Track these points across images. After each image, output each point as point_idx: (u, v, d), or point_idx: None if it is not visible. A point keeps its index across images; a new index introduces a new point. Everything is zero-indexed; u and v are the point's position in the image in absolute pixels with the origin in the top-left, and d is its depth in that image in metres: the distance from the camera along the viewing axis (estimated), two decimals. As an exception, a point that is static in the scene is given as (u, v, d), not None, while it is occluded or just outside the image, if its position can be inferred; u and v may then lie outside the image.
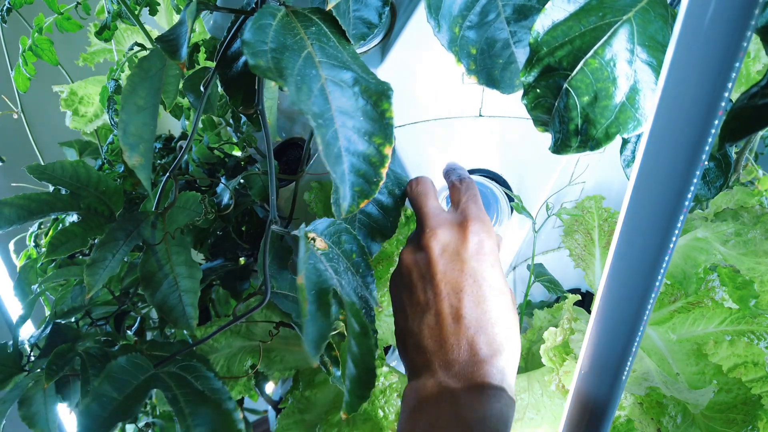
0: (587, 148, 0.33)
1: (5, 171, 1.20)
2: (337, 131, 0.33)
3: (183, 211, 0.51)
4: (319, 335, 0.36)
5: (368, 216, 0.47)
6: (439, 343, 0.36)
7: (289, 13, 0.35)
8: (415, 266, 0.39)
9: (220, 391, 0.42)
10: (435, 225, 0.39)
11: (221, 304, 0.82)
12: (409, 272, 0.40)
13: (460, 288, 0.37)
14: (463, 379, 0.35)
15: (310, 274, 0.37)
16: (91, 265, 0.45)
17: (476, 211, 0.40)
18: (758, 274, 0.49)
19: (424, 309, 0.38)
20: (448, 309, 0.37)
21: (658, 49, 0.31)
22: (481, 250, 0.38)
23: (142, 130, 0.40)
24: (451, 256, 0.38)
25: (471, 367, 0.35)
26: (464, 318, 0.36)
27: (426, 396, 0.35)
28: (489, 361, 0.35)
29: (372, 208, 0.47)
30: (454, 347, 0.36)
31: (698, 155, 0.23)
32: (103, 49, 1.03)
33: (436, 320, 0.37)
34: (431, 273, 0.38)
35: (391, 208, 0.47)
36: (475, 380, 0.35)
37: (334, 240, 0.38)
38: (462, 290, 0.37)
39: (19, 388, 0.50)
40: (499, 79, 0.37)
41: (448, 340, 0.36)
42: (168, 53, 0.33)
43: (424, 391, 0.35)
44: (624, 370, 0.29)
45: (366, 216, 0.47)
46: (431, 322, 0.37)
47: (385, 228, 0.47)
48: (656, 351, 0.51)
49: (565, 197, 0.67)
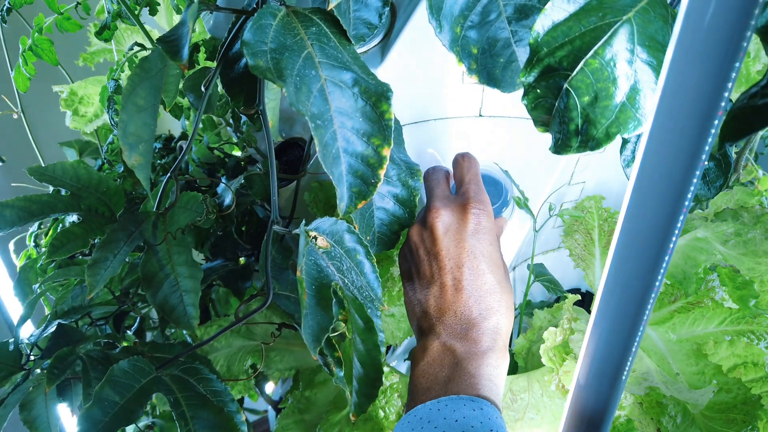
0: (587, 148, 0.33)
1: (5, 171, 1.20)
2: (335, 132, 0.33)
3: (184, 212, 0.51)
4: (318, 328, 0.36)
5: (385, 211, 0.48)
6: (442, 310, 0.42)
7: (290, 13, 0.35)
8: (422, 243, 0.45)
9: (222, 393, 0.42)
10: (440, 206, 0.45)
11: (221, 304, 0.82)
12: (417, 248, 0.45)
13: (461, 263, 0.42)
14: (461, 337, 0.41)
15: (310, 269, 0.37)
16: (93, 265, 0.45)
17: (476, 192, 0.46)
18: (758, 274, 0.49)
19: (430, 281, 0.43)
20: (450, 281, 0.42)
21: (658, 49, 0.31)
22: (480, 228, 0.44)
23: (142, 130, 0.40)
24: (453, 234, 0.44)
25: (467, 327, 0.41)
26: (464, 289, 0.42)
27: (431, 353, 0.41)
28: (482, 323, 0.41)
29: (388, 202, 0.48)
30: (455, 313, 0.42)
31: (698, 155, 0.23)
32: (103, 49, 1.03)
33: (440, 291, 0.43)
34: (436, 250, 0.43)
35: (407, 199, 0.48)
36: (470, 337, 0.41)
37: (337, 239, 0.38)
38: (463, 264, 0.42)
39: (21, 391, 0.50)
40: (500, 78, 0.37)
41: (450, 307, 0.42)
42: (169, 54, 0.33)
43: (430, 349, 0.41)
44: (624, 370, 0.29)
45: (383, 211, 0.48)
46: (436, 293, 0.43)
47: (404, 219, 0.48)
48: (656, 351, 0.51)
49: (565, 197, 0.67)
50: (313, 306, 0.37)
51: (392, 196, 0.47)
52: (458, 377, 0.39)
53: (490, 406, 0.37)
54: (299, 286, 0.36)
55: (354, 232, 0.40)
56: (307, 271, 0.37)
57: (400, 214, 0.48)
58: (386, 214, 0.48)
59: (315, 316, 0.37)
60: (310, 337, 0.37)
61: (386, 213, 0.48)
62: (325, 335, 0.36)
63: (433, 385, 0.39)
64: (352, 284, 0.38)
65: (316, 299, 0.37)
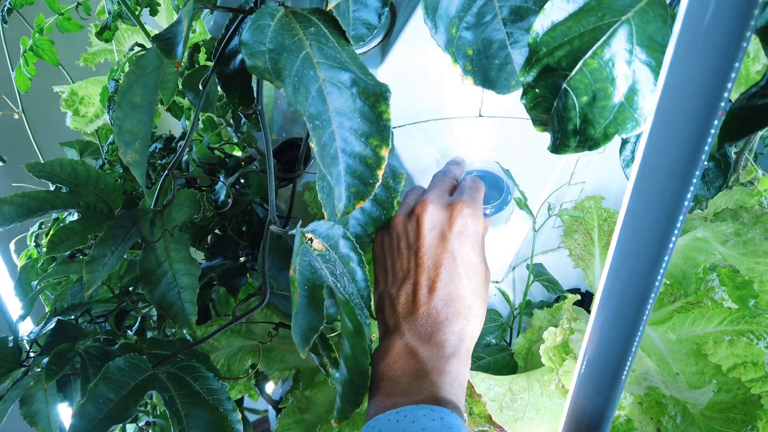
0: (585, 148, 0.33)
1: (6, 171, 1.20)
2: (334, 132, 0.33)
3: (181, 209, 0.51)
4: (308, 327, 0.36)
5: (362, 210, 0.47)
6: (411, 310, 0.42)
7: (288, 14, 0.35)
8: (405, 234, 0.44)
9: (218, 391, 0.42)
10: (432, 200, 0.44)
11: (221, 304, 0.82)
12: (399, 239, 0.44)
13: (439, 263, 0.42)
14: (425, 340, 0.40)
15: (304, 269, 0.37)
16: (91, 262, 0.45)
17: (470, 196, 0.45)
18: (757, 274, 0.49)
19: (405, 276, 0.43)
20: (425, 281, 0.42)
21: (657, 50, 0.31)
22: (465, 231, 0.43)
23: (138, 127, 0.40)
24: (438, 232, 0.43)
25: (433, 330, 0.41)
26: (437, 290, 0.41)
27: (393, 354, 0.40)
28: (448, 327, 0.41)
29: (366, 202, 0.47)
30: (423, 314, 0.41)
31: (698, 155, 0.23)
32: (104, 50, 1.03)
33: (413, 289, 0.42)
34: (417, 245, 0.43)
35: (385, 200, 0.47)
36: (434, 341, 0.40)
37: (332, 244, 0.38)
38: (441, 265, 0.42)
39: (20, 387, 0.50)
40: (495, 80, 0.37)
41: (420, 308, 0.41)
42: (164, 52, 0.33)
43: (392, 349, 0.40)
44: (624, 370, 0.29)
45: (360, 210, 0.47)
46: (408, 290, 0.42)
47: (379, 221, 0.47)
48: (656, 351, 0.51)
49: (564, 197, 0.67)
50: (304, 306, 0.37)
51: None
52: (419, 383, 0.38)
53: (450, 414, 0.36)
54: (291, 285, 0.36)
55: (349, 238, 0.40)
56: (300, 272, 0.37)
57: (376, 215, 0.47)
58: (362, 213, 0.47)
59: (305, 316, 0.37)
60: (299, 336, 0.37)
61: (363, 213, 0.47)
62: (314, 335, 0.36)
63: (393, 390, 0.39)
64: (343, 289, 0.38)
65: (308, 299, 0.37)
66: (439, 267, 0.42)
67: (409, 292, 0.42)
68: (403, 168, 0.63)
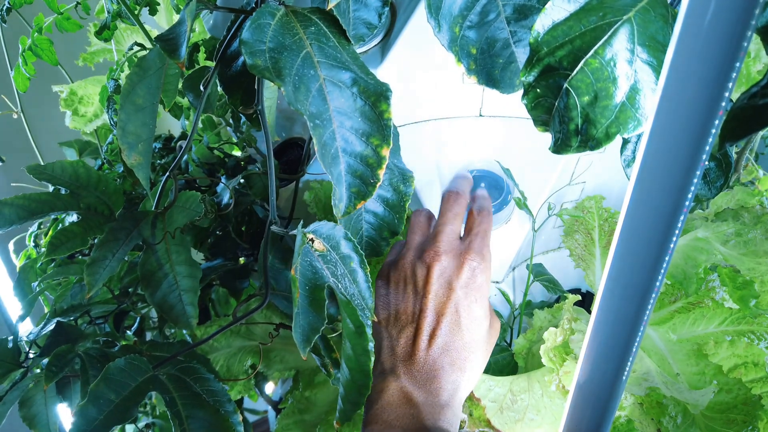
0: (587, 148, 0.33)
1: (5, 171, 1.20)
2: (334, 132, 0.33)
3: (183, 211, 0.51)
4: (309, 328, 0.36)
5: (375, 215, 0.47)
6: (409, 354, 0.42)
7: (289, 13, 0.35)
8: (413, 279, 0.44)
9: (218, 393, 0.42)
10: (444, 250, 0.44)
11: (221, 304, 0.82)
12: (406, 282, 0.45)
13: (442, 312, 0.42)
14: (421, 386, 0.41)
15: (305, 269, 0.37)
16: (92, 264, 0.45)
17: (479, 245, 0.45)
18: (758, 275, 0.49)
19: (409, 320, 0.43)
20: (427, 327, 0.42)
21: (659, 49, 0.30)
22: (471, 284, 0.43)
23: (141, 129, 0.40)
24: (446, 280, 0.43)
25: (429, 378, 0.41)
26: (437, 338, 0.42)
27: (388, 396, 0.41)
28: (444, 377, 0.41)
29: (378, 206, 0.47)
30: (421, 360, 0.42)
31: (698, 155, 0.23)
32: (103, 49, 1.03)
33: (414, 334, 0.42)
34: (424, 291, 0.43)
35: (397, 204, 0.47)
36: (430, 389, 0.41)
37: (333, 244, 0.38)
38: (444, 315, 0.42)
39: (20, 388, 0.50)
40: (499, 79, 0.37)
41: (418, 353, 0.42)
42: (167, 52, 0.33)
43: (387, 391, 0.41)
44: (624, 371, 0.29)
45: (372, 215, 0.47)
46: (409, 334, 0.43)
47: (392, 224, 0.47)
48: (656, 351, 0.51)
49: (565, 197, 0.67)
50: (305, 306, 0.37)
51: (382, 201, 0.47)
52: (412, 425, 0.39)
53: None
54: (292, 285, 0.35)
55: (351, 239, 0.40)
56: (301, 272, 0.37)
57: (389, 219, 0.47)
58: (375, 218, 0.47)
59: (306, 316, 0.37)
60: (300, 336, 0.37)
61: (375, 217, 0.47)
62: (315, 336, 0.36)
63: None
64: (345, 290, 0.38)
65: (309, 300, 0.37)
66: (441, 316, 0.42)
67: (410, 336, 0.43)
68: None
